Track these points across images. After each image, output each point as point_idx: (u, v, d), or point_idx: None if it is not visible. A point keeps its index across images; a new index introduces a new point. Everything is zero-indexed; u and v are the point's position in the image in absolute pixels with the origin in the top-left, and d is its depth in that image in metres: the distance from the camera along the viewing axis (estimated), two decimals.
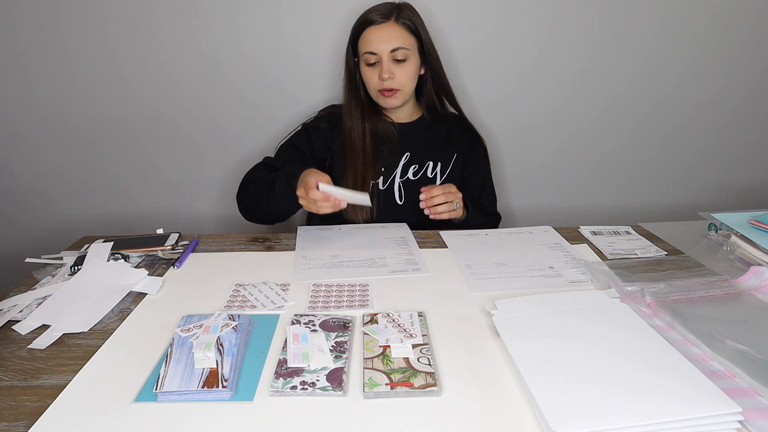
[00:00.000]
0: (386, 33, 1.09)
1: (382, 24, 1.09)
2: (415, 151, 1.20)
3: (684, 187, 1.58)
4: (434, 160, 1.20)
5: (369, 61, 1.11)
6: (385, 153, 1.18)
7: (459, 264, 0.91)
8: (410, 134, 1.21)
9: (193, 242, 1.01)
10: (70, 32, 1.33)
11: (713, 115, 1.49)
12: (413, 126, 1.22)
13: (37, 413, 0.56)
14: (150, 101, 1.41)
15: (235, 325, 0.68)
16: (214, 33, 1.34)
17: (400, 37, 1.09)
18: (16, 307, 0.78)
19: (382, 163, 1.18)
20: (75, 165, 1.48)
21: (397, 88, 1.12)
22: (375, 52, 1.09)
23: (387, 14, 1.09)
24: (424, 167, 1.20)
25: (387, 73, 1.09)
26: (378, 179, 1.18)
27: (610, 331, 0.64)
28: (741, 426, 0.51)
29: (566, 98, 1.45)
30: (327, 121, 1.22)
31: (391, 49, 1.09)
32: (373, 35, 1.09)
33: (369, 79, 1.13)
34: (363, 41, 1.11)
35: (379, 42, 1.09)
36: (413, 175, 1.19)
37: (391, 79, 1.10)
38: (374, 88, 1.13)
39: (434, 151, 1.21)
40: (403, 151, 1.19)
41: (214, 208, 1.55)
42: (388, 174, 1.19)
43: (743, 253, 0.90)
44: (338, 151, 1.19)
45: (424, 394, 0.58)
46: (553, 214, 1.59)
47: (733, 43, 1.40)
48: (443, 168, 1.21)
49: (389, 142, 1.18)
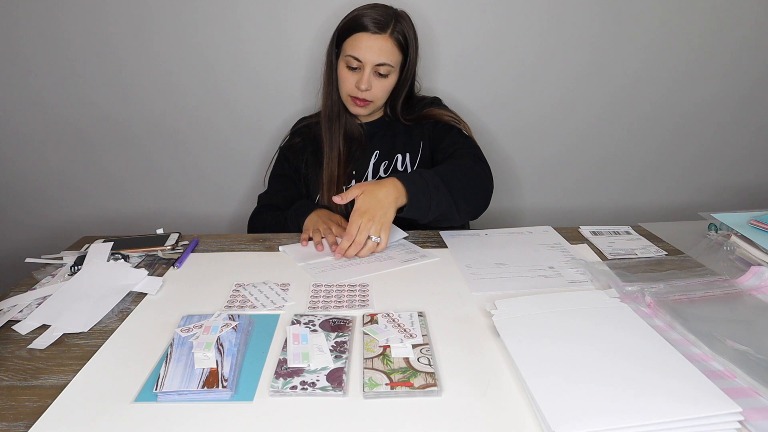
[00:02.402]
0: (378, 45, 1.06)
1: (376, 35, 1.06)
2: (383, 147, 1.19)
3: (684, 187, 1.58)
4: (402, 152, 1.19)
5: (350, 64, 1.08)
6: (357, 154, 1.18)
7: (459, 264, 0.91)
8: (376, 132, 1.20)
9: (193, 242, 1.01)
10: (72, 34, 1.33)
11: (713, 115, 1.49)
12: (378, 124, 1.21)
13: (37, 413, 0.56)
14: (151, 102, 1.41)
15: (235, 325, 0.68)
16: (214, 36, 1.35)
17: (389, 53, 1.07)
18: (16, 307, 0.78)
19: (353, 166, 1.18)
20: (75, 165, 1.48)
21: (371, 100, 1.11)
22: (360, 59, 1.07)
23: (383, 25, 1.06)
24: (393, 162, 1.19)
25: (365, 84, 1.08)
26: (351, 183, 1.18)
27: (610, 331, 0.64)
28: (741, 426, 0.50)
29: (566, 98, 1.45)
30: (300, 135, 1.24)
31: (377, 62, 1.07)
32: (364, 43, 1.06)
33: (344, 80, 1.11)
34: (351, 44, 1.08)
35: (367, 51, 1.06)
36: (384, 172, 1.19)
37: (367, 91, 1.09)
38: (347, 91, 1.12)
39: (401, 144, 1.19)
40: (371, 150, 1.19)
41: (214, 208, 1.55)
42: (360, 176, 1.18)
43: (743, 253, 0.90)
44: (311, 160, 1.20)
45: (424, 394, 0.58)
46: (553, 214, 1.59)
47: (733, 43, 1.40)
48: (413, 158, 1.19)
49: (359, 143, 1.18)
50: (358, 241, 0.90)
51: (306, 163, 1.22)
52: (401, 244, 0.99)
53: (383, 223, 0.90)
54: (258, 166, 1.48)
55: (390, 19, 1.07)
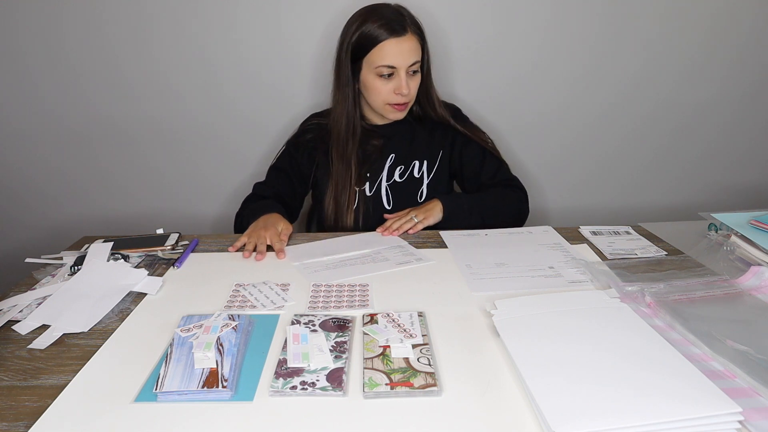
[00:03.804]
0: (407, 47, 1.05)
1: (401, 38, 1.04)
2: (400, 151, 1.18)
3: (684, 187, 1.58)
4: (420, 159, 1.18)
5: (383, 73, 1.06)
6: (372, 157, 1.17)
7: (459, 264, 0.91)
8: (394, 135, 1.19)
9: (193, 242, 1.01)
10: (71, 35, 1.34)
11: (713, 115, 1.49)
12: (395, 126, 1.19)
13: (37, 413, 0.56)
14: (150, 103, 1.41)
15: (235, 325, 0.68)
16: (214, 37, 1.35)
17: (416, 51, 1.07)
18: (16, 307, 0.78)
19: (368, 168, 1.17)
20: (75, 166, 1.48)
21: (409, 101, 1.11)
22: (394, 66, 1.05)
23: (402, 25, 1.05)
24: (410, 167, 1.18)
25: (406, 89, 1.07)
26: (364, 185, 1.17)
27: (610, 331, 0.64)
28: (741, 426, 0.51)
29: (566, 98, 1.45)
30: (311, 131, 1.22)
31: (410, 63, 1.06)
32: (393, 48, 1.04)
33: (378, 90, 1.08)
34: (378, 54, 1.05)
35: (399, 56, 1.05)
36: (399, 177, 1.18)
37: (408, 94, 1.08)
38: (384, 100, 1.10)
39: (419, 149, 1.19)
40: (388, 153, 1.18)
41: (214, 208, 1.55)
42: (374, 179, 1.17)
43: (743, 253, 0.90)
44: (323, 161, 1.18)
45: (424, 394, 0.58)
46: (553, 214, 1.59)
47: (733, 44, 1.40)
48: (430, 165, 1.18)
49: (375, 146, 1.17)
50: (402, 215, 1.08)
51: (317, 164, 1.20)
52: (399, 246, 0.99)
53: (432, 214, 1.08)
54: (258, 167, 1.48)
55: (401, 17, 1.06)
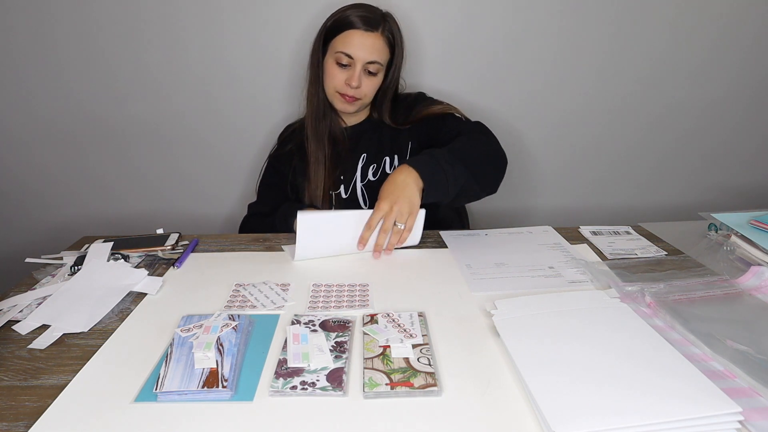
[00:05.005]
0: (370, 43, 1.06)
1: (368, 33, 1.06)
2: (370, 149, 1.18)
3: (686, 188, 1.58)
4: (390, 155, 1.18)
5: (341, 60, 1.07)
6: (343, 155, 1.17)
7: (459, 264, 0.91)
8: (362, 134, 1.19)
9: (193, 242, 1.01)
10: (65, 38, 1.34)
11: (720, 118, 1.49)
12: (363, 126, 1.20)
13: (37, 413, 0.56)
14: (142, 106, 1.42)
15: (235, 325, 0.68)
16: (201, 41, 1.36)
17: (380, 51, 1.08)
18: (16, 307, 0.78)
19: (341, 171, 1.17)
20: (75, 167, 1.49)
21: (359, 97, 1.11)
22: (352, 56, 1.06)
23: (375, 24, 1.06)
24: (382, 164, 1.18)
25: (356, 82, 1.07)
26: (339, 189, 1.17)
27: (610, 331, 0.64)
28: (741, 426, 0.51)
29: (570, 101, 1.45)
30: (289, 142, 1.23)
31: (368, 60, 1.07)
32: (356, 40, 1.06)
33: (333, 76, 1.09)
34: (342, 41, 1.07)
35: (359, 49, 1.06)
36: (373, 176, 1.18)
37: (357, 89, 1.09)
38: (335, 87, 1.10)
39: (388, 145, 1.18)
40: (359, 153, 1.18)
41: (214, 208, 1.55)
42: (349, 180, 1.17)
43: (743, 253, 0.90)
44: (299, 167, 1.19)
45: (424, 394, 0.58)
46: (554, 214, 1.59)
47: (739, 47, 1.40)
48: (401, 160, 1.18)
49: (344, 145, 1.17)
50: (386, 228, 0.90)
51: (294, 170, 1.21)
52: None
53: (412, 205, 0.90)
54: (248, 169, 1.49)
55: (380, 18, 1.08)
